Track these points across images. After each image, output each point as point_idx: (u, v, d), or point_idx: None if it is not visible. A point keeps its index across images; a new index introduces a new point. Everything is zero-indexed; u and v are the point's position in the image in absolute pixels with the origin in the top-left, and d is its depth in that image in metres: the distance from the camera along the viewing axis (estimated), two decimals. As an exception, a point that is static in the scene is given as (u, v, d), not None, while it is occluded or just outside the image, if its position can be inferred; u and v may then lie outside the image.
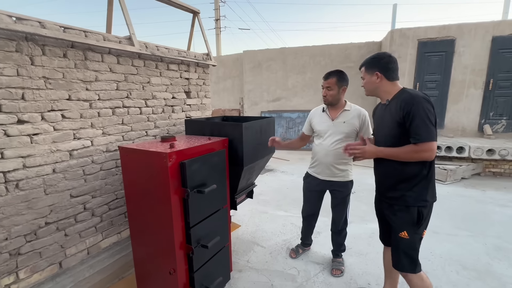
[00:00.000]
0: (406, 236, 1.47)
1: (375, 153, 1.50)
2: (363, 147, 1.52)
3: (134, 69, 2.13)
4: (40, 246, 1.65)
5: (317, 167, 2.14)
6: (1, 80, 1.42)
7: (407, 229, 1.47)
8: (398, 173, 1.46)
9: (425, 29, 5.59)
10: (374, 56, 1.53)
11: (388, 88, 1.48)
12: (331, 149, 2.02)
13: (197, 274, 1.60)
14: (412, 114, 1.32)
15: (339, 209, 2.17)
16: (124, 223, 2.19)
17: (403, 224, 1.48)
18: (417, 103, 1.32)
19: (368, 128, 2.01)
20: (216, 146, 1.76)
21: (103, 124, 1.95)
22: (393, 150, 1.43)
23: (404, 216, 1.47)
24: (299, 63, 7.49)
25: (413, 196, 1.43)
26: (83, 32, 1.75)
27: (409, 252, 1.49)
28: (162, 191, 1.45)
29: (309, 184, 2.25)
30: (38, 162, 1.61)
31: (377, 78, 1.49)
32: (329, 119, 2.05)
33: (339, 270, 2.17)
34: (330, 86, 1.97)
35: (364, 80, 1.57)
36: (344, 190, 2.11)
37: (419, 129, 1.31)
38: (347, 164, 2.06)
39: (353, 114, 2.00)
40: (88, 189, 1.89)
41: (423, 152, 1.33)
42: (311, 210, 2.31)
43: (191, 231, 1.53)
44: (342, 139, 1.98)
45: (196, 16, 2.79)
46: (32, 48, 1.54)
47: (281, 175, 5.02)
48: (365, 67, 1.55)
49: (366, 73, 1.54)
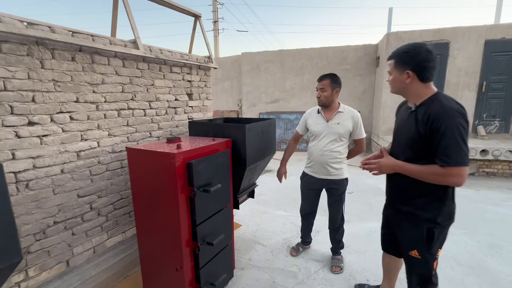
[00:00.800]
0: (417, 255, 1.35)
1: (393, 167, 1.34)
2: (379, 161, 1.38)
3: (139, 72, 2.19)
4: (48, 245, 1.69)
5: (313, 166, 2.22)
6: (13, 83, 1.47)
7: (418, 248, 1.35)
8: (411, 188, 1.33)
9: (420, 32, 5.72)
10: (407, 50, 1.24)
11: (419, 91, 1.26)
12: (326, 149, 2.10)
13: (202, 271, 1.66)
14: (442, 131, 1.12)
15: (336, 206, 2.24)
16: (129, 223, 2.23)
17: (413, 242, 1.36)
18: (450, 118, 1.11)
19: (360, 129, 2.10)
20: (220, 147, 1.82)
21: (109, 126, 1.99)
22: (415, 168, 1.25)
23: (413, 234, 1.35)
24: (297, 65, 7.58)
25: (424, 215, 1.30)
26: (90, 36, 1.80)
27: (422, 273, 1.37)
28: (169, 190, 1.50)
29: (306, 183, 2.32)
30: (47, 162, 1.65)
31: (407, 78, 1.25)
32: (324, 120, 2.13)
33: (339, 267, 2.23)
34: (324, 87, 2.05)
35: (391, 76, 1.33)
36: (340, 188, 2.18)
37: (450, 150, 1.12)
38: (341, 162, 2.15)
39: (347, 115, 2.09)
40: (94, 189, 1.94)
41: (451, 177, 1.15)
42: (309, 208, 2.38)
43: (197, 228, 1.58)
44: (336, 139, 2.09)
45: (197, 20, 2.85)
46: (43, 52, 1.58)
47: (280, 175, 5.09)
48: (395, 61, 1.29)
49: (395, 69, 1.30)
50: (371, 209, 3.45)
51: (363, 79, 7.14)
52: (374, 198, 3.83)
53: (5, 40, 1.42)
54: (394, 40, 5.87)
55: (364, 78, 7.14)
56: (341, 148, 2.12)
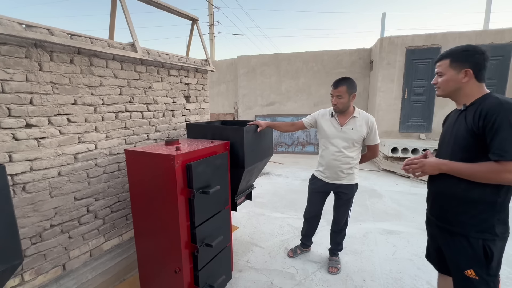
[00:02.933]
0: (474, 276, 1.17)
1: (438, 166, 1.23)
2: (422, 160, 1.29)
3: (137, 75, 2.19)
4: (44, 248, 1.67)
5: (324, 170, 2.15)
6: (11, 85, 1.46)
7: (474, 268, 1.17)
8: (461, 194, 1.19)
9: (412, 37, 5.85)
10: (466, 48, 1.21)
11: (473, 91, 1.20)
12: (338, 155, 2.04)
13: (201, 273, 1.66)
14: (498, 125, 1.05)
15: (342, 210, 2.21)
16: (126, 226, 2.22)
17: (467, 259, 1.19)
18: (505, 110, 1.05)
19: (375, 135, 2.03)
20: (218, 149, 1.83)
21: (106, 128, 1.99)
22: (464, 167, 1.15)
23: (465, 250, 1.19)
24: (292, 68, 7.66)
25: (477, 226, 1.16)
26: (89, 39, 1.80)
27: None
28: (168, 192, 1.51)
29: (314, 185, 2.26)
30: (45, 165, 1.64)
31: (464, 77, 1.19)
32: (338, 125, 2.05)
33: (336, 268, 2.25)
34: (341, 94, 1.94)
35: (443, 76, 1.25)
36: (349, 192, 2.14)
37: (506, 143, 1.03)
38: (353, 167, 2.08)
39: (361, 121, 2.01)
40: (91, 192, 1.93)
41: (508, 173, 1.04)
42: (314, 212, 2.33)
43: (196, 230, 1.59)
44: (350, 145, 2.02)
45: (195, 23, 2.87)
46: (41, 54, 1.58)
47: (276, 178, 5.11)
48: (451, 60, 1.22)
49: (450, 68, 1.22)
50: (366, 210, 3.50)
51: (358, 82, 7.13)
52: (370, 199, 3.88)
53: (4, 42, 1.42)
54: (387, 44, 5.99)
55: (358, 81, 7.22)
56: (354, 153, 2.05)
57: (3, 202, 0.81)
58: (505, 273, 2.18)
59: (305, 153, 7.41)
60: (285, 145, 7.57)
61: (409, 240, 2.73)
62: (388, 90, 6.13)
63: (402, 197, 3.99)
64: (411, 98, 6.06)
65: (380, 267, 2.31)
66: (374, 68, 6.61)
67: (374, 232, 2.93)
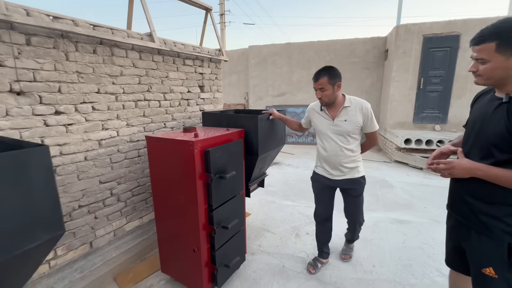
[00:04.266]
0: (493, 274, 1.11)
1: (471, 172, 1.10)
2: (451, 162, 1.15)
3: (154, 64, 2.26)
4: (74, 227, 1.81)
5: (324, 166, 1.99)
6: (42, 75, 1.56)
7: (494, 266, 1.11)
8: (490, 193, 1.10)
9: (430, 24, 5.63)
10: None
11: None
12: (336, 150, 1.86)
13: (218, 253, 1.76)
14: None
15: (354, 208, 2.04)
16: (145, 209, 2.34)
17: (488, 257, 1.13)
18: None
19: (371, 121, 1.83)
20: (233, 137, 1.90)
21: (127, 116, 2.09)
22: (503, 174, 1.02)
23: (488, 248, 1.13)
24: (304, 58, 7.56)
25: (503, 229, 1.07)
26: (110, 29, 1.87)
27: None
28: (187, 176, 1.59)
29: (318, 183, 2.07)
30: (72, 150, 1.75)
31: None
32: (330, 118, 1.87)
33: (348, 255, 2.26)
34: (323, 86, 1.77)
35: (488, 63, 1.03)
36: (358, 187, 1.95)
37: None
38: (356, 161, 1.90)
39: (354, 110, 1.81)
40: (114, 176, 2.04)
41: None
42: (324, 212, 2.11)
43: (213, 213, 1.68)
44: (346, 138, 1.84)
45: (208, 13, 2.89)
46: (67, 44, 1.67)
47: (287, 168, 5.17)
48: (499, 43, 0.98)
49: (498, 54, 1.00)
50: (377, 200, 3.51)
51: (371, 72, 7.09)
52: (381, 190, 3.88)
53: (34, 33, 1.51)
54: (403, 32, 5.80)
55: (372, 71, 7.09)
56: (353, 146, 1.86)
57: (48, 179, 0.90)
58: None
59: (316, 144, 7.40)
60: (295, 135, 7.57)
61: (419, 230, 2.75)
62: (403, 80, 5.98)
63: (414, 188, 3.97)
64: (427, 88, 5.90)
65: (390, 254, 2.35)
66: (389, 57, 6.44)
67: (385, 221, 2.96)
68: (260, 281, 2.03)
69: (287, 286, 1.98)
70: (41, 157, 0.88)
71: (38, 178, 0.87)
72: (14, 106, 1.46)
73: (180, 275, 1.92)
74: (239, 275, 2.09)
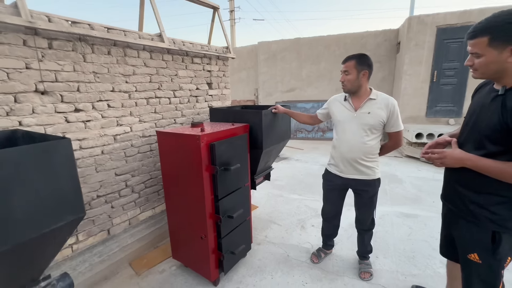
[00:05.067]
0: (477, 259, 1.17)
1: (462, 162, 1.13)
2: (443, 151, 1.18)
3: (164, 63, 2.38)
4: (93, 215, 1.98)
5: (338, 164, 1.88)
6: (62, 75, 1.71)
7: (478, 252, 1.17)
8: (478, 183, 1.13)
9: (444, 15, 5.46)
10: (510, 20, 0.96)
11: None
12: (354, 143, 1.77)
13: (224, 240, 1.87)
14: None
15: (365, 210, 1.93)
16: (157, 200, 2.49)
17: (473, 243, 1.19)
18: None
19: (397, 120, 1.72)
20: (239, 131, 1.99)
21: (139, 113, 2.22)
22: (493, 166, 1.04)
23: (473, 235, 1.18)
24: (313, 53, 7.51)
25: (488, 217, 1.12)
26: (122, 31, 2.00)
27: (483, 278, 1.18)
28: (195, 168, 1.70)
29: (329, 182, 1.99)
30: (91, 144, 1.91)
31: (510, 55, 0.98)
32: (352, 109, 1.78)
33: (368, 273, 1.99)
34: (348, 70, 1.71)
35: (482, 57, 1.04)
36: (371, 190, 1.84)
37: None
38: (374, 160, 1.79)
39: (380, 104, 1.71)
40: (128, 169, 2.19)
41: None
42: (332, 211, 2.08)
43: (219, 203, 1.78)
44: (366, 132, 1.73)
45: (216, 12, 2.98)
46: (84, 47, 1.81)
47: (295, 162, 5.22)
48: (491, 37, 1.00)
49: (490, 48, 1.01)
50: (385, 195, 3.52)
51: (382, 66, 6.95)
52: (389, 185, 3.87)
53: (55, 37, 1.65)
54: (416, 24, 5.66)
55: (384, 65, 6.96)
56: (373, 142, 1.75)
57: (71, 167, 1.03)
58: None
59: (325, 139, 7.37)
60: (305, 131, 7.58)
61: (426, 223, 2.76)
62: (415, 73, 5.85)
63: (424, 183, 3.93)
64: (441, 81, 5.74)
65: (394, 246, 2.39)
66: (401, 50, 6.29)
67: (391, 214, 2.98)
68: (265, 269, 2.13)
69: (291, 274, 2.07)
70: (64, 148, 1.00)
71: (63, 167, 1.00)
72: (39, 104, 1.62)
73: (189, 261, 2.05)
74: (245, 263, 2.20)
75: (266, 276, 2.05)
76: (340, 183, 1.92)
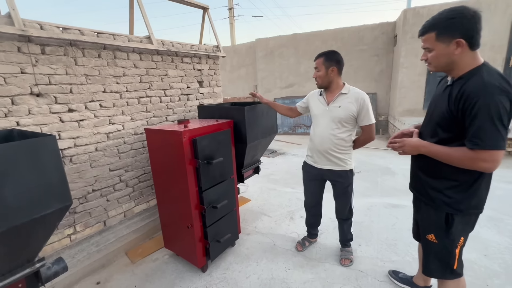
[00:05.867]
0: (434, 239, 1.30)
1: (417, 148, 1.23)
2: (403, 139, 1.28)
3: (154, 64, 2.50)
4: (89, 208, 2.13)
5: (313, 155, 2.01)
6: (55, 78, 1.85)
7: (435, 232, 1.29)
8: (435, 169, 1.23)
9: (440, 6, 5.41)
10: (452, 15, 1.06)
11: (467, 61, 1.09)
12: (326, 136, 1.87)
13: (209, 229, 1.99)
14: (476, 110, 1.00)
15: (342, 200, 2.04)
16: (151, 194, 2.63)
17: (430, 225, 1.30)
18: (488, 95, 0.98)
19: (367, 113, 1.80)
20: (222, 127, 2.10)
21: (131, 112, 2.35)
22: (441, 151, 1.15)
23: (431, 217, 1.29)
24: (311, 48, 7.53)
25: (445, 200, 1.22)
26: (112, 35, 2.12)
27: (439, 256, 1.31)
28: (179, 162, 1.82)
29: (307, 173, 2.13)
30: (84, 142, 2.05)
31: (456, 48, 1.06)
32: (325, 103, 1.89)
33: (348, 260, 2.10)
34: (318, 66, 1.85)
35: (433, 51, 1.14)
36: (344, 181, 1.94)
37: (482, 132, 1.00)
38: (345, 152, 1.89)
39: (351, 98, 1.81)
40: (122, 164, 2.33)
41: (482, 162, 1.03)
42: (313, 201, 2.20)
43: (203, 194, 1.90)
44: (338, 125, 1.84)
45: (206, 12, 3.08)
46: (75, 51, 1.94)
47: (292, 157, 5.31)
48: (438, 32, 1.09)
49: (438, 42, 1.10)
50: (376, 186, 3.59)
51: (380, 59, 6.94)
52: (381, 177, 3.94)
53: (48, 43, 1.78)
54: (411, 16, 5.64)
55: (381, 58, 6.94)
56: (344, 135, 1.85)
57: (57, 161, 1.16)
58: (498, 241, 2.23)
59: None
60: (304, 126, 7.65)
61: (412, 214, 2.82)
62: (412, 66, 5.83)
63: (417, 174, 3.97)
64: (437, 73, 5.71)
65: (378, 235, 2.47)
66: (398, 42, 6.27)
67: (379, 205, 3.05)
68: (251, 257, 2.25)
69: (275, 261, 2.18)
70: (50, 144, 1.13)
71: (49, 161, 1.13)
72: (34, 106, 1.76)
73: (180, 250, 2.18)
74: (233, 251, 2.33)
75: (252, 263, 2.17)
76: (316, 173, 2.04)
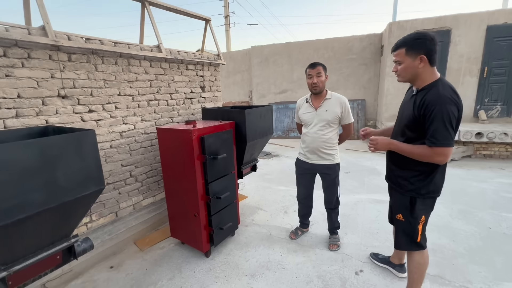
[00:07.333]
0: (402, 218, 1.59)
1: (388, 146, 1.52)
2: (376, 138, 1.55)
3: (162, 70, 2.76)
4: (104, 199, 2.34)
5: (306, 153, 2.30)
6: (79, 83, 2.09)
7: (402, 213, 1.58)
8: (402, 163, 1.52)
9: (422, 20, 5.89)
10: (418, 37, 1.36)
11: (428, 75, 1.38)
12: (317, 136, 2.18)
13: (213, 218, 2.24)
14: (433, 116, 1.29)
15: (330, 190, 2.32)
16: (158, 189, 2.86)
17: (399, 207, 1.60)
18: (441, 104, 1.27)
19: (348, 114, 2.16)
20: (225, 127, 2.37)
21: (141, 113, 2.60)
22: (406, 148, 1.44)
23: (399, 200, 1.59)
24: (304, 56, 7.92)
25: (409, 186, 1.51)
26: (127, 45, 2.38)
27: (406, 232, 1.60)
28: (188, 157, 2.08)
29: (299, 167, 2.41)
30: (101, 139, 2.28)
31: (420, 63, 1.36)
32: (313, 108, 2.20)
33: (335, 245, 2.38)
34: (320, 72, 2.11)
35: (402, 64, 1.42)
36: (332, 173, 2.25)
37: (437, 132, 1.29)
38: (333, 149, 2.22)
39: (334, 102, 2.15)
40: (133, 161, 2.56)
41: (436, 156, 1.34)
42: (305, 193, 2.46)
43: (209, 186, 2.16)
44: (326, 126, 2.16)
45: (208, 23, 3.37)
46: (96, 59, 2.19)
47: (286, 159, 5.61)
48: (407, 48, 1.38)
49: (407, 56, 1.38)
50: (363, 185, 3.90)
51: (368, 68, 7.37)
52: (368, 177, 4.26)
53: (73, 52, 2.03)
54: (396, 29, 6.08)
55: (369, 67, 7.38)
56: (331, 134, 2.17)
57: (94, 151, 1.40)
58: (466, 230, 2.55)
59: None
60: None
61: (394, 207, 3.14)
62: (397, 75, 6.25)
63: (400, 174, 4.31)
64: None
65: (362, 225, 2.77)
66: (384, 53, 6.71)
67: (365, 201, 3.36)
68: (250, 244, 2.50)
69: (271, 247, 2.44)
70: (90, 137, 1.38)
71: (89, 150, 1.37)
72: (61, 106, 1.99)
73: (185, 237, 2.42)
74: (233, 240, 2.57)
75: (250, 250, 2.42)
76: (307, 167, 2.34)
